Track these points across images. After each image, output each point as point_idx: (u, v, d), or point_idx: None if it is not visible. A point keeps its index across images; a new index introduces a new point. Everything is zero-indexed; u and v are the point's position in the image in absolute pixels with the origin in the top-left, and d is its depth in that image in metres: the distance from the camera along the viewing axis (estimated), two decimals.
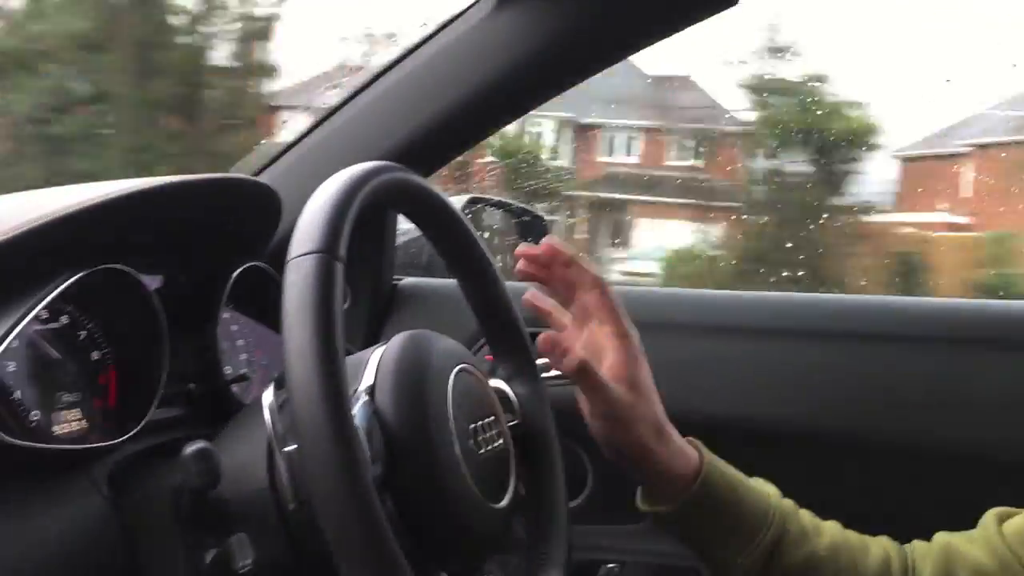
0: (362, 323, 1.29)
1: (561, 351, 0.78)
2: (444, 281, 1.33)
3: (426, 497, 0.71)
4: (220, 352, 0.95)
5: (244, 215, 0.98)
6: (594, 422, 0.83)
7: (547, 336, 0.78)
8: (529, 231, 1.61)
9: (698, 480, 0.83)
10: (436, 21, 1.12)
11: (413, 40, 1.14)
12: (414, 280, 1.37)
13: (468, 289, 0.89)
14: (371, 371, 0.73)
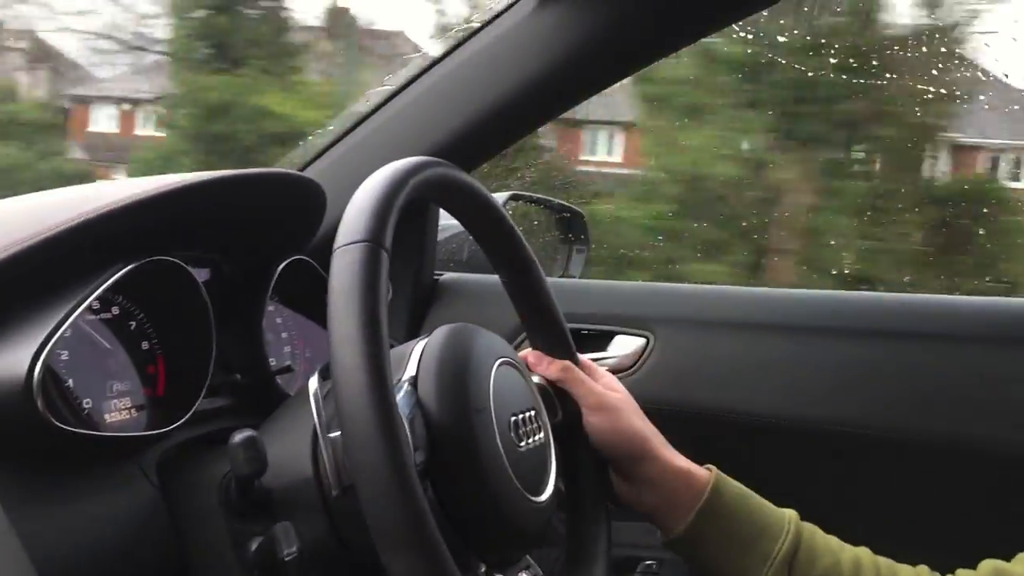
0: (403, 317, 1.29)
1: (547, 361, 0.91)
2: (485, 276, 1.34)
3: (466, 487, 0.71)
4: (265, 344, 0.96)
5: (289, 209, 0.99)
6: (591, 417, 0.88)
7: (533, 352, 0.93)
8: (569, 227, 1.61)
9: (707, 490, 0.85)
10: (479, 20, 1.13)
11: (456, 38, 1.15)
12: (455, 275, 1.37)
13: (510, 284, 0.90)
14: (414, 362, 0.74)
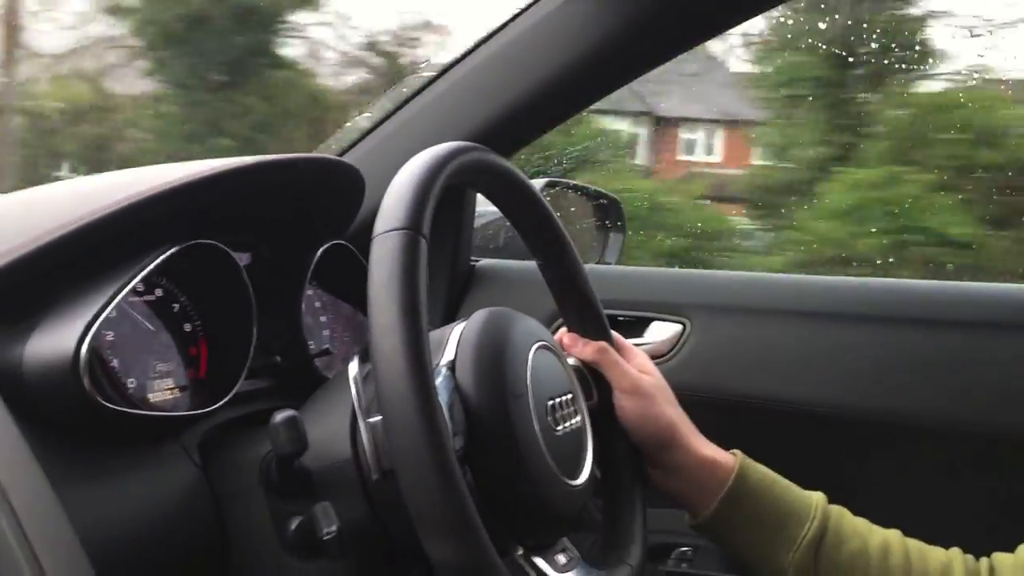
0: (439, 303, 1.30)
1: (583, 343, 0.91)
2: (521, 263, 1.34)
3: (504, 471, 0.72)
4: (304, 327, 0.97)
5: (329, 194, 1.00)
6: (624, 401, 0.88)
7: (568, 333, 0.92)
8: (606, 214, 1.60)
9: (732, 477, 0.85)
10: (517, 5, 1.13)
11: (494, 24, 1.15)
12: (491, 261, 1.38)
13: (547, 269, 0.90)
14: (452, 346, 0.74)
